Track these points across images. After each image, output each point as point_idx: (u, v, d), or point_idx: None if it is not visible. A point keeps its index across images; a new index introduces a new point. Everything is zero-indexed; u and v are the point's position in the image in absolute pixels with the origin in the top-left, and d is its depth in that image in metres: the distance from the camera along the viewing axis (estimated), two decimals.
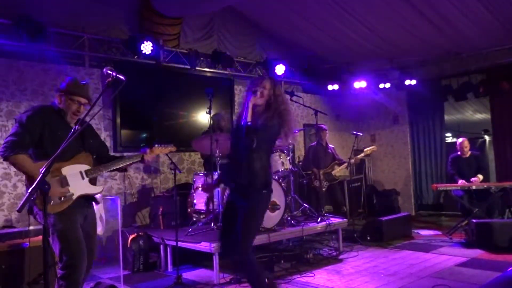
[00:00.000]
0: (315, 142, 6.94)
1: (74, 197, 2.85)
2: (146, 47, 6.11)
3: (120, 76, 2.52)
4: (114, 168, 3.13)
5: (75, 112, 2.96)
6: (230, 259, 3.51)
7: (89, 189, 2.97)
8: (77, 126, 2.44)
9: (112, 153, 3.47)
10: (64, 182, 2.82)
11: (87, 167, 2.97)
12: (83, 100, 2.98)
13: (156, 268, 5.12)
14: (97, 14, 6.25)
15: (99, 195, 3.14)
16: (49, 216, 2.68)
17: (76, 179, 2.89)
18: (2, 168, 5.22)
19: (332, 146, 6.98)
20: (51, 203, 2.72)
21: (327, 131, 6.88)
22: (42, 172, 2.16)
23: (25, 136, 2.76)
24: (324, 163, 6.59)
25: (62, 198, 2.78)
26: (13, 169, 4.91)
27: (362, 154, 6.87)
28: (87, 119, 2.50)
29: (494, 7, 6.17)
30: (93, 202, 3.11)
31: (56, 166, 2.77)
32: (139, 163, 3.40)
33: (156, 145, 3.36)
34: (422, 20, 6.70)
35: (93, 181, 3.01)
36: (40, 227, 2.80)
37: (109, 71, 2.52)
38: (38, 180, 2.11)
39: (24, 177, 2.87)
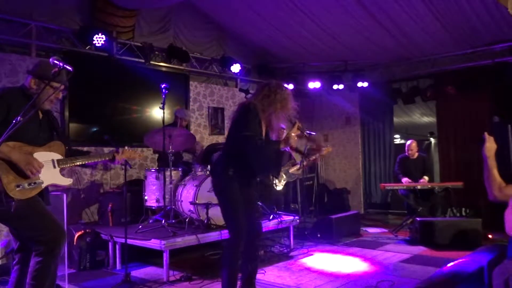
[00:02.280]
0: None
1: (44, 185, 2.74)
2: (99, 39, 5.92)
3: (67, 67, 2.44)
4: (87, 162, 3.03)
5: (52, 100, 2.84)
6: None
7: (59, 179, 2.86)
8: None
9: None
10: None
11: (59, 156, 2.86)
12: (61, 87, 2.84)
13: (103, 266, 4.97)
14: (47, 1, 5.96)
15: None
16: (12, 202, 2.56)
17: (47, 167, 2.77)
18: None
19: None
20: (20, 188, 2.60)
21: (284, 130, 6.93)
22: None
23: None
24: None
25: (32, 184, 2.66)
26: None
27: (318, 155, 6.97)
28: (32, 111, 2.40)
29: (442, 16, 6.47)
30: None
31: (29, 149, 2.67)
32: (110, 162, 3.32)
33: (126, 148, 3.33)
34: (375, 25, 6.90)
35: (62, 172, 2.90)
36: None
37: (55, 61, 2.44)
38: None
39: None
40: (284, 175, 6.57)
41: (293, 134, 3.49)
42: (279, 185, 6.54)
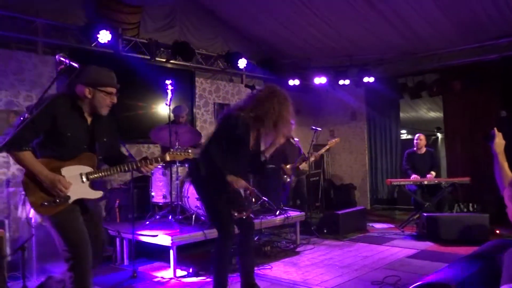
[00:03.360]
0: None
1: (70, 200, 2.67)
2: (104, 36, 5.92)
3: (73, 64, 2.44)
4: (115, 173, 2.90)
5: (109, 105, 2.79)
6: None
7: (87, 193, 2.75)
8: None
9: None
10: None
11: (89, 169, 2.75)
12: (114, 91, 2.82)
13: (111, 261, 5.01)
14: None
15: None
16: (43, 218, 2.60)
17: (75, 181, 2.68)
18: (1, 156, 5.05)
19: (297, 139, 7.02)
20: (45, 204, 2.58)
21: (293, 126, 6.89)
22: None
23: (32, 132, 2.54)
24: (291, 158, 6.63)
25: (57, 200, 2.61)
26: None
27: (327, 147, 6.96)
28: (34, 111, 2.40)
29: (448, 10, 6.42)
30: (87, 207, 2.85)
31: (57, 164, 2.62)
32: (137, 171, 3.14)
33: (171, 150, 3.07)
34: (380, 19, 6.87)
35: (92, 185, 2.79)
36: None
37: (61, 58, 2.44)
38: None
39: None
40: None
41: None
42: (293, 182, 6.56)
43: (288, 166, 6.40)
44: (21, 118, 2.34)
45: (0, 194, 5.23)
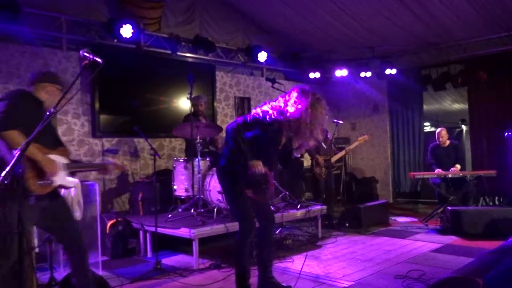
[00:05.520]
0: None
1: (55, 184, 2.83)
2: (126, 31, 5.98)
3: (97, 59, 2.47)
4: (85, 169, 3.18)
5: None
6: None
7: (66, 181, 2.96)
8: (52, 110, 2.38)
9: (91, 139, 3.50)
10: None
11: (66, 161, 2.98)
12: (63, 90, 2.96)
13: (135, 253, 5.11)
14: None
15: (75, 180, 3.13)
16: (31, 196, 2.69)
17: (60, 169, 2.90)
18: None
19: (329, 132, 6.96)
20: (41, 183, 2.72)
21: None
22: (17, 155, 2.12)
23: (14, 114, 2.69)
24: (324, 150, 6.60)
25: (47, 181, 2.78)
26: None
27: (356, 143, 6.91)
28: (63, 102, 2.46)
29: None
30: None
31: (46, 151, 2.78)
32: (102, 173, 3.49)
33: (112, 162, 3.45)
34: (403, 9, 6.74)
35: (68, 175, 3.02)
36: None
37: (85, 54, 2.47)
38: (13, 163, 2.07)
39: None
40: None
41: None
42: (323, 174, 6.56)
43: (321, 158, 6.39)
44: (48, 113, 2.38)
45: None
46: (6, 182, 2.08)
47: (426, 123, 11.85)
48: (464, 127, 11.94)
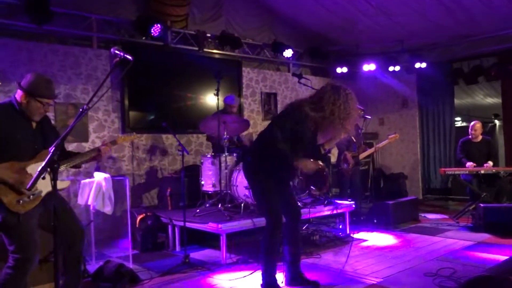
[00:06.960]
0: None
1: (43, 194, 2.85)
2: (154, 29, 6.08)
3: (127, 56, 2.50)
4: (73, 164, 3.07)
5: (42, 113, 2.92)
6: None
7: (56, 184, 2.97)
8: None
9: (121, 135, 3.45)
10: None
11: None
12: (50, 102, 2.93)
13: (164, 248, 5.20)
14: None
15: (106, 175, 3.12)
16: (18, 216, 2.71)
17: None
18: None
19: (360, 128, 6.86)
20: (21, 203, 2.72)
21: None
22: (52, 151, 2.18)
23: None
24: (353, 146, 6.53)
25: (31, 196, 2.77)
26: None
27: (387, 141, 6.80)
28: (95, 99, 2.51)
29: None
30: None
31: (21, 165, 2.77)
32: (96, 159, 3.29)
33: (120, 135, 3.31)
34: (434, 2, 6.57)
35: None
36: None
37: (116, 51, 2.50)
38: (48, 159, 2.13)
39: None
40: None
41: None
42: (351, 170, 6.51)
43: (350, 155, 6.33)
44: (81, 110, 2.43)
45: None
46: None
47: (457, 118, 11.55)
48: (497, 122, 11.59)
